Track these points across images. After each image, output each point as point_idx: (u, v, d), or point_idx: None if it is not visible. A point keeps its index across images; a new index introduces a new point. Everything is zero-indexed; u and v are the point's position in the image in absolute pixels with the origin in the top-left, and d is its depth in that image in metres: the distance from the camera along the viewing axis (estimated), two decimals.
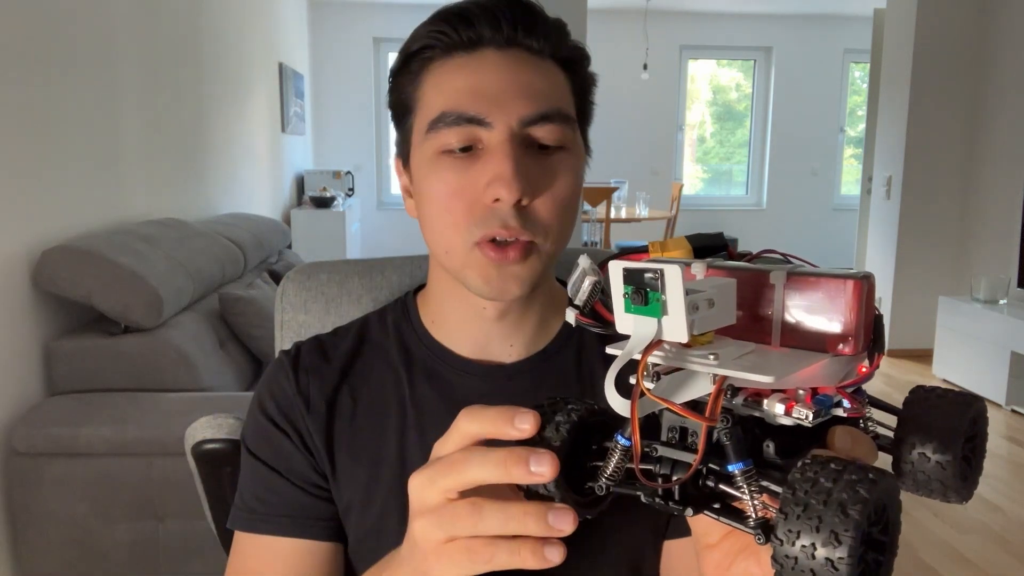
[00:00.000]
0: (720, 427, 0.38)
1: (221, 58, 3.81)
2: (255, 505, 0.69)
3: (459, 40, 0.64)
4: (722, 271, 0.42)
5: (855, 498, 0.32)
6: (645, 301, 0.36)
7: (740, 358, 0.37)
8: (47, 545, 1.82)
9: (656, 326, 0.36)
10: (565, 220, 0.65)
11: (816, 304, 0.39)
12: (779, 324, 0.40)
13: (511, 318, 0.70)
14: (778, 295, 0.40)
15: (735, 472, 0.38)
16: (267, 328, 2.43)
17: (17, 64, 1.95)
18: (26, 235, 2.00)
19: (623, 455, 0.42)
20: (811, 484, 0.33)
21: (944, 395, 0.44)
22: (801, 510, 0.33)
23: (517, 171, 0.60)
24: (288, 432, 0.70)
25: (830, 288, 0.38)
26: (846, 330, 0.38)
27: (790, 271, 0.40)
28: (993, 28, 4.30)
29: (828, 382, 0.39)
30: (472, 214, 0.62)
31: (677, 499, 0.41)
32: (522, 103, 0.62)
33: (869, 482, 0.32)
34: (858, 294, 0.37)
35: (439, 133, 0.63)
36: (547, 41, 0.65)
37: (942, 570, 2.32)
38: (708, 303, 0.36)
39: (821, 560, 0.32)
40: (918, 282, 4.53)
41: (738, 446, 0.38)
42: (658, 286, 0.35)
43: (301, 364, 0.73)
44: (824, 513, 0.32)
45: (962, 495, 0.44)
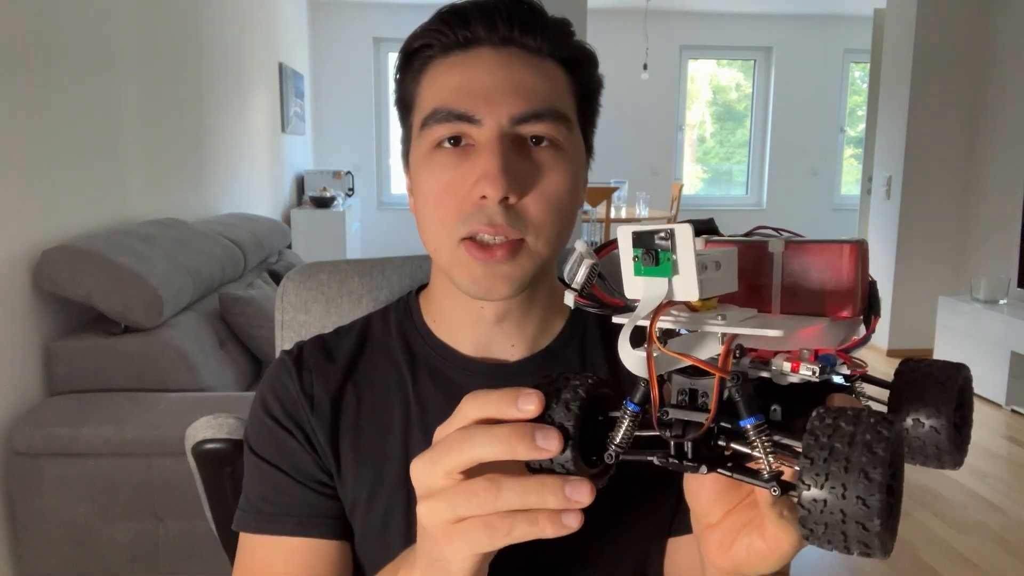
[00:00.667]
0: (731, 383, 0.39)
1: (221, 58, 3.81)
2: (261, 505, 0.69)
3: (455, 39, 0.64)
4: (720, 244, 0.43)
5: (878, 437, 0.33)
6: (656, 261, 0.37)
7: (746, 320, 0.38)
8: (47, 545, 1.82)
9: (667, 286, 0.37)
10: (559, 219, 0.64)
11: (814, 270, 0.40)
12: (778, 291, 0.41)
13: (511, 320, 0.70)
14: (776, 263, 0.41)
15: (747, 427, 0.39)
16: (267, 328, 2.43)
17: (17, 64, 1.95)
18: (26, 235, 2.00)
19: (632, 421, 0.42)
20: (832, 429, 0.34)
21: (932, 364, 0.45)
22: (827, 454, 0.34)
23: (503, 168, 0.60)
24: (293, 431, 0.70)
25: (827, 253, 0.39)
26: (845, 293, 0.39)
27: (787, 240, 0.41)
28: (993, 28, 4.30)
29: (828, 344, 0.40)
30: (460, 211, 0.62)
31: (691, 457, 0.41)
32: (513, 101, 0.62)
33: (887, 423, 0.34)
34: (854, 257, 0.39)
35: (431, 129, 0.63)
36: (545, 40, 0.65)
37: (942, 570, 2.32)
38: (715, 265, 0.37)
39: (852, 500, 0.33)
40: (918, 282, 4.53)
41: (749, 401, 0.39)
42: (669, 246, 0.36)
43: (305, 363, 0.73)
44: (851, 454, 0.33)
45: (955, 461, 0.45)
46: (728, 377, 0.38)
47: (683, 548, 0.70)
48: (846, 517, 0.33)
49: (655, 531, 0.71)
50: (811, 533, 0.35)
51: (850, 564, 2.35)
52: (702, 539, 0.50)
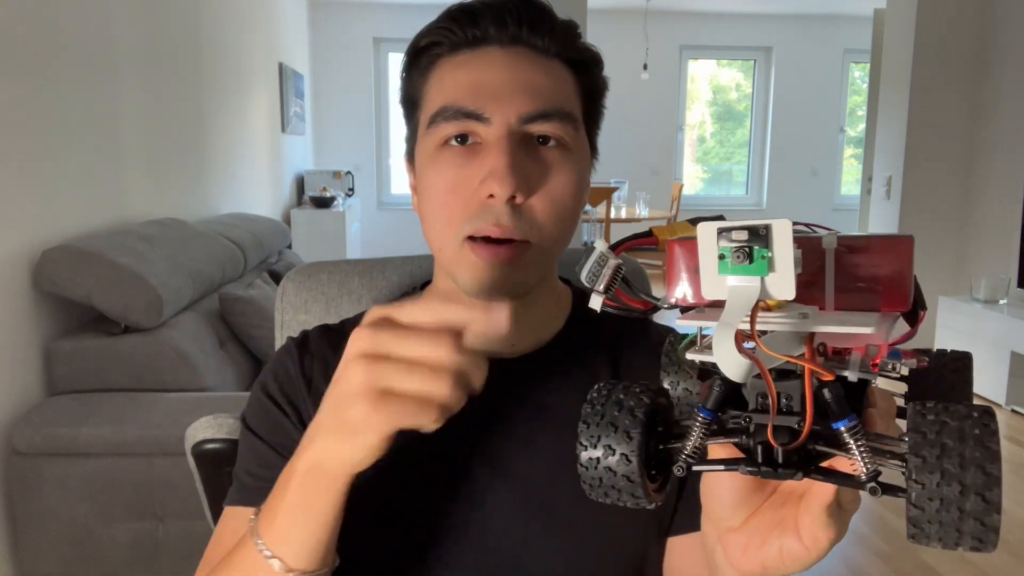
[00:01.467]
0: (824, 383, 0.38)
1: (221, 58, 3.81)
2: (246, 479, 0.70)
3: (464, 37, 0.64)
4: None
5: (988, 432, 0.33)
6: (750, 259, 0.36)
7: (825, 317, 0.38)
8: (47, 545, 1.82)
9: (759, 284, 0.36)
10: (563, 220, 0.64)
11: (869, 265, 0.39)
12: (832, 288, 0.40)
13: (513, 319, 0.70)
14: (829, 259, 0.40)
15: (841, 428, 0.37)
16: (267, 328, 2.43)
17: (17, 64, 1.95)
18: (26, 235, 2.00)
19: (705, 429, 0.40)
20: (940, 426, 0.34)
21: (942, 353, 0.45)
22: (939, 451, 0.33)
23: (512, 167, 0.59)
24: (287, 410, 0.71)
25: (883, 248, 0.39)
26: (900, 287, 0.39)
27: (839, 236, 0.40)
28: (993, 28, 4.30)
29: (883, 339, 0.39)
30: (466, 210, 0.62)
31: (783, 463, 0.39)
32: (522, 100, 0.62)
33: (990, 415, 0.33)
34: (909, 252, 0.39)
35: (439, 126, 0.63)
36: (553, 40, 0.65)
37: (942, 570, 2.32)
38: (798, 262, 0.36)
39: (971, 496, 0.32)
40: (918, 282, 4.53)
41: (840, 402, 0.37)
42: (767, 242, 0.35)
43: (308, 348, 0.74)
44: (963, 450, 0.33)
45: None
46: (832, 377, 0.37)
47: (682, 548, 0.70)
48: (963, 514, 0.33)
49: (654, 531, 0.71)
50: (920, 532, 0.34)
51: (851, 564, 2.35)
52: (723, 543, 0.49)
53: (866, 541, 2.47)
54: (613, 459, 0.42)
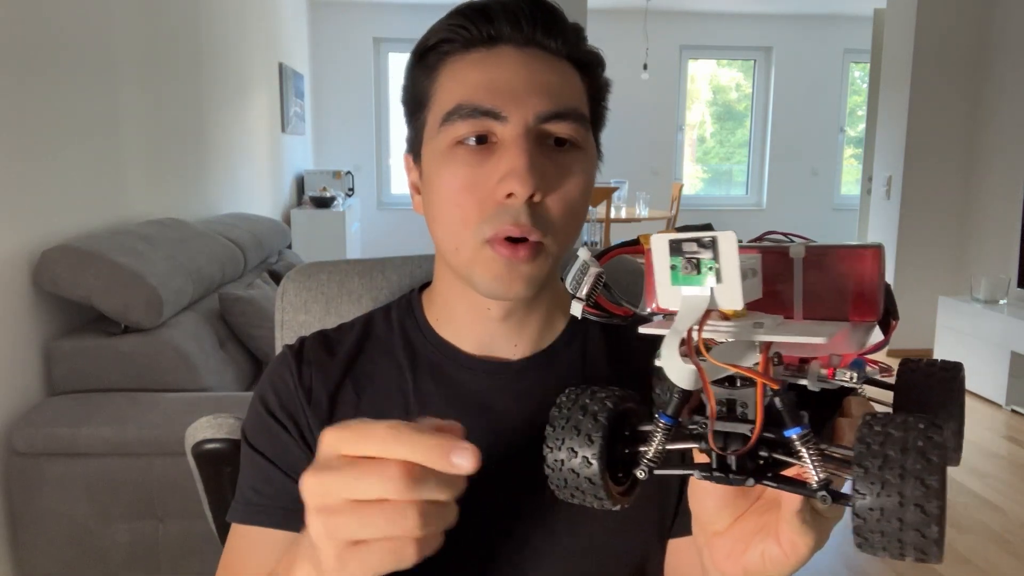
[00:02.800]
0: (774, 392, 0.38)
1: (221, 58, 3.81)
2: (251, 496, 0.69)
3: (478, 36, 0.64)
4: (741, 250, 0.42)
5: (931, 444, 0.33)
6: (698, 270, 0.36)
7: (782, 327, 0.38)
8: (47, 545, 1.82)
9: (709, 294, 0.36)
10: (573, 221, 0.65)
11: (837, 275, 0.40)
12: (800, 297, 0.41)
13: (515, 319, 0.70)
14: (798, 269, 0.41)
15: (792, 437, 0.38)
16: (267, 328, 2.43)
17: (17, 64, 1.95)
18: (26, 235, 2.00)
19: (665, 434, 0.41)
20: (884, 437, 0.34)
21: (933, 364, 0.45)
22: (881, 461, 0.33)
23: (532, 166, 0.59)
24: (287, 425, 0.70)
25: (850, 258, 0.39)
26: (869, 297, 0.39)
27: (807, 245, 0.41)
28: (993, 28, 4.30)
29: (851, 349, 0.40)
30: (483, 210, 0.62)
31: (735, 470, 0.40)
32: (539, 99, 0.62)
33: (937, 428, 0.34)
34: (877, 262, 0.39)
35: (453, 125, 0.63)
36: (564, 42, 0.65)
37: (942, 570, 2.32)
38: (752, 271, 0.37)
39: (910, 507, 0.33)
40: (918, 282, 4.53)
41: (792, 411, 0.38)
42: (711, 254, 0.35)
43: (305, 357, 0.73)
44: (905, 461, 0.33)
45: (956, 458, 0.45)
46: (777, 387, 0.37)
47: (683, 550, 0.70)
48: (904, 525, 0.33)
49: (655, 532, 0.71)
50: (865, 541, 0.34)
51: (851, 564, 2.35)
52: (709, 547, 0.49)
53: None
54: (576, 461, 0.43)
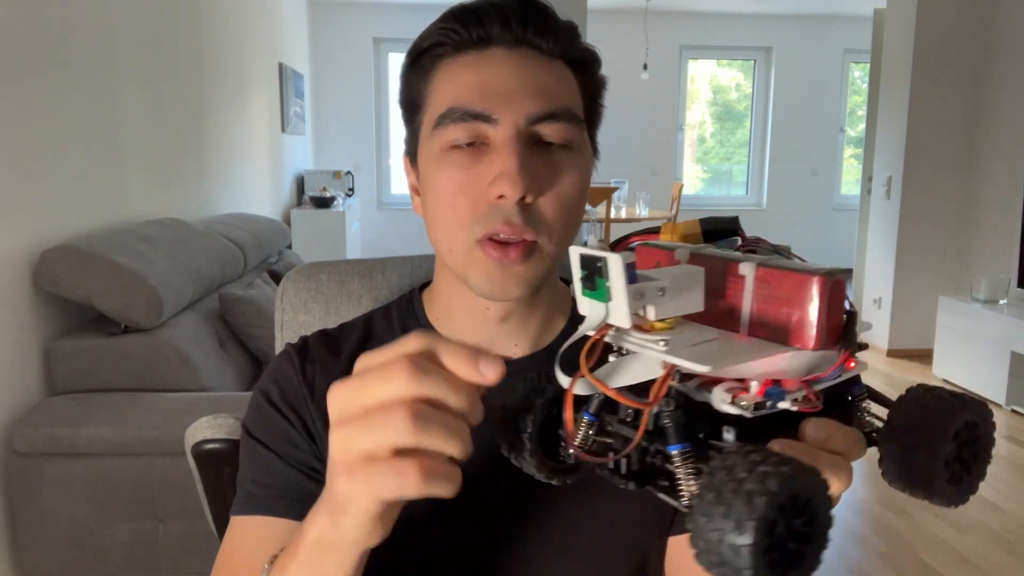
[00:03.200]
0: (663, 409, 0.39)
1: (221, 58, 3.81)
2: (251, 488, 0.69)
3: (469, 38, 0.64)
4: (703, 258, 0.43)
5: (762, 489, 0.33)
6: (594, 287, 0.38)
7: (694, 346, 0.38)
8: (47, 545, 1.82)
9: (604, 310, 0.38)
10: (569, 220, 0.65)
11: (781, 297, 0.39)
12: (747, 315, 0.41)
13: (514, 320, 0.70)
14: (748, 286, 0.41)
15: (672, 453, 0.39)
16: (267, 328, 2.43)
17: (17, 64, 1.95)
18: (26, 235, 2.00)
19: (588, 427, 0.44)
20: (727, 472, 0.34)
21: (940, 395, 0.43)
22: (714, 496, 0.34)
23: (522, 168, 0.60)
24: (289, 417, 0.70)
25: (795, 282, 0.39)
26: (807, 325, 0.38)
27: (760, 263, 0.40)
28: (993, 28, 4.30)
29: (790, 374, 0.39)
30: (476, 211, 0.62)
31: (623, 473, 0.43)
32: (530, 101, 0.62)
33: (781, 476, 0.33)
34: (822, 290, 0.38)
35: (445, 129, 0.63)
36: (557, 42, 0.65)
37: (942, 570, 2.32)
38: (659, 291, 0.38)
39: (727, 545, 0.33)
40: (918, 282, 4.53)
41: (678, 429, 0.39)
42: (604, 273, 0.37)
43: (308, 355, 0.73)
44: (733, 500, 0.33)
45: (950, 499, 0.43)
46: (647, 408, 0.39)
47: (683, 547, 0.70)
48: (723, 560, 0.33)
49: (655, 530, 0.71)
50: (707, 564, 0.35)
51: (850, 564, 2.35)
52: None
53: (866, 541, 2.47)
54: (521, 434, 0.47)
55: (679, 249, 0.43)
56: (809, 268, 0.39)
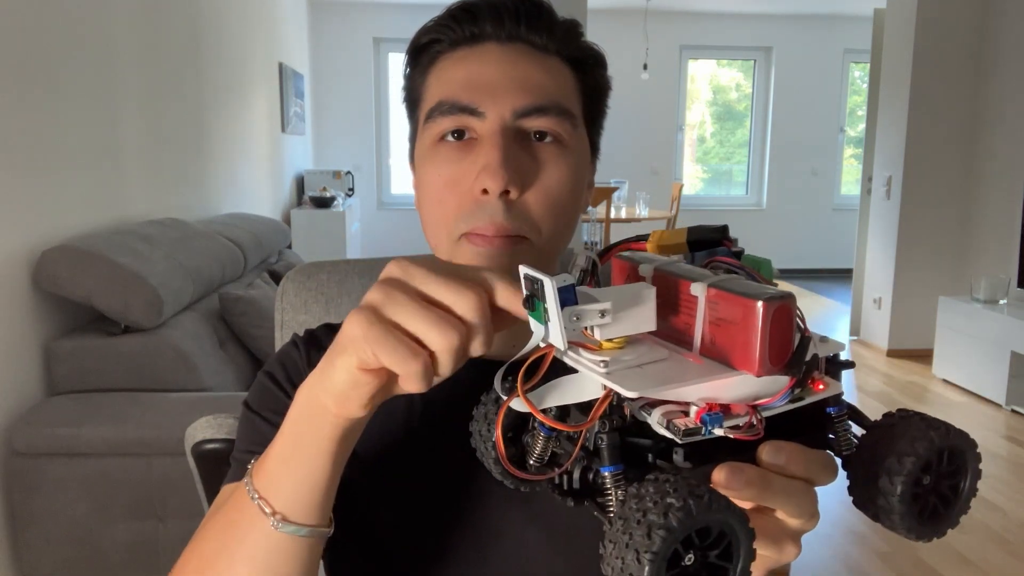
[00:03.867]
0: (597, 431, 0.40)
1: (221, 58, 3.81)
2: (244, 458, 0.68)
3: (463, 34, 0.65)
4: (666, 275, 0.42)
5: (664, 523, 0.32)
6: (533, 307, 0.39)
7: (637, 367, 0.38)
8: (47, 545, 1.82)
9: (543, 331, 0.39)
10: (559, 217, 0.64)
11: (729, 320, 0.39)
12: (700, 336, 0.40)
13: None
14: (700, 306, 0.40)
15: (606, 474, 0.40)
16: (267, 328, 2.43)
17: (17, 64, 1.95)
18: (26, 235, 2.00)
19: (545, 442, 0.45)
20: (637, 500, 0.34)
21: (913, 422, 0.42)
22: (621, 523, 0.34)
23: (505, 161, 0.59)
24: (291, 393, 0.70)
25: (739, 306, 0.38)
26: (750, 350, 0.38)
27: (712, 283, 0.40)
28: (993, 28, 4.30)
29: (736, 399, 0.38)
30: (461, 207, 0.62)
31: (564, 489, 0.44)
32: (517, 95, 0.62)
33: (685, 510, 0.33)
34: (764, 315, 0.37)
35: (435, 121, 0.64)
36: (552, 38, 0.65)
37: (942, 570, 2.32)
38: (599, 314, 0.37)
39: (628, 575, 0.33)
40: (918, 282, 4.53)
41: (612, 451, 0.39)
42: (541, 295, 0.38)
43: (315, 343, 0.73)
44: (635, 531, 0.33)
45: (918, 533, 0.42)
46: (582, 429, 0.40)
47: None
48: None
49: None
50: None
51: (850, 564, 2.35)
52: None
53: (866, 541, 2.47)
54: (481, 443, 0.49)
55: (644, 264, 0.43)
56: (755, 291, 0.38)
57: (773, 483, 0.39)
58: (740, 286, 0.39)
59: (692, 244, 0.46)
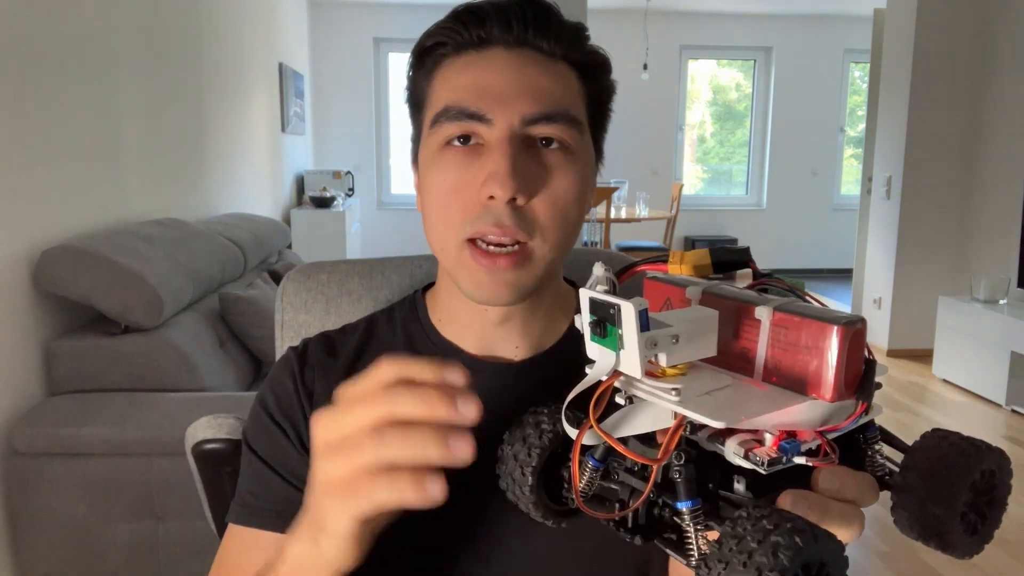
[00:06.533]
0: (674, 464, 0.38)
1: (221, 58, 3.81)
2: (247, 499, 0.70)
3: (469, 38, 0.64)
4: (717, 298, 0.41)
5: (774, 564, 0.31)
6: (604, 334, 0.37)
7: (706, 395, 0.37)
8: (47, 545, 1.82)
9: (614, 358, 0.37)
10: (565, 223, 0.64)
11: (798, 345, 0.37)
12: (763, 360, 0.39)
13: (515, 321, 0.70)
14: (763, 331, 0.39)
15: (683, 509, 0.38)
16: (267, 328, 2.43)
17: (17, 64, 1.95)
18: (26, 235, 2.00)
19: (593, 474, 0.42)
20: (737, 541, 0.33)
21: (957, 444, 0.42)
22: (723, 567, 0.32)
23: (513, 169, 0.59)
24: (286, 429, 0.70)
25: (813, 331, 0.37)
26: (824, 375, 0.37)
27: (777, 307, 0.38)
28: (993, 28, 4.30)
29: (805, 425, 0.37)
30: (467, 212, 0.62)
31: (629, 527, 0.41)
32: (525, 101, 0.62)
33: (794, 548, 0.32)
34: (841, 340, 0.36)
35: (442, 126, 0.63)
36: (559, 43, 0.65)
37: (942, 570, 2.32)
38: (672, 339, 0.36)
39: None
40: (918, 282, 4.53)
41: (688, 485, 0.38)
42: (616, 320, 0.36)
43: (308, 360, 0.73)
44: (744, 574, 0.32)
45: (965, 550, 0.42)
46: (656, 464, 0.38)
47: None
48: None
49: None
50: None
51: (851, 564, 2.35)
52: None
53: (866, 541, 2.47)
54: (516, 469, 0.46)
55: (691, 287, 0.42)
56: (828, 315, 0.37)
57: (831, 508, 0.40)
58: (809, 310, 0.38)
59: (717, 265, 0.45)
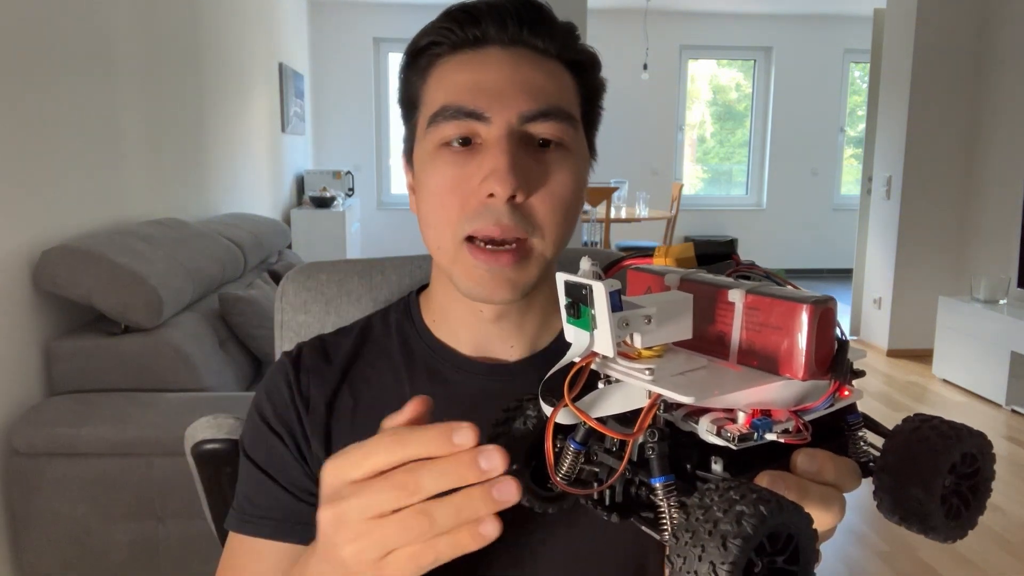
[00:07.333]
0: (647, 440, 0.38)
1: (221, 58, 3.81)
2: (245, 506, 0.70)
3: (465, 37, 0.64)
4: (694, 284, 0.42)
5: (738, 532, 0.31)
6: (578, 315, 0.37)
7: (680, 374, 0.37)
8: (47, 545, 1.82)
9: (588, 338, 0.38)
10: (563, 220, 0.64)
11: (770, 325, 0.38)
12: (737, 343, 0.40)
13: (510, 320, 0.70)
14: (737, 314, 0.40)
15: (656, 485, 0.39)
16: (267, 328, 2.43)
17: (17, 64, 1.95)
18: (26, 235, 2.00)
19: (576, 457, 0.43)
20: (704, 511, 0.33)
21: (937, 427, 0.42)
22: (689, 536, 0.33)
23: (513, 166, 0.59)
24: (282, 435, 0.70)
25: (783, 310, 0.38)
26: (795, 354, 0.37)
27: (749, 290, 0.39)
28: (993, 28, 4.30)
29: (779, 404, 0.38)
30: (465, 210, 0.62)
31: (606, 505, 0.42)
32: (522, 99, 0.62)
33: (757, 516, 0.32)
34: (811, 318, 0.37)
35: (439, 126, 0.63)
36: (553, 41, 0.65)
37: (942, 570, 2.32)
38: (645, 319, 0.37)
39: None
40: (918, 282, 4.53)
41: (661, 461, 0.39)
42: (588, 300, 0.37)
43: (302, 365, 0.73)
44: (707, 543, 0.32)
45: (946, 534, 0.42)
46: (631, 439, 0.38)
47: None
48: None
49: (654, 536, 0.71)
50: None
51: (850, 563, 2.35)
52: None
53: (866, 541, 2.47)
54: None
55: (669, 274, 0.42)
56: (798, 296, 0.38)
57: (810, 490, 0.40)
58: (780, 291, 0.39)
59: (701, 258, 0.45)
